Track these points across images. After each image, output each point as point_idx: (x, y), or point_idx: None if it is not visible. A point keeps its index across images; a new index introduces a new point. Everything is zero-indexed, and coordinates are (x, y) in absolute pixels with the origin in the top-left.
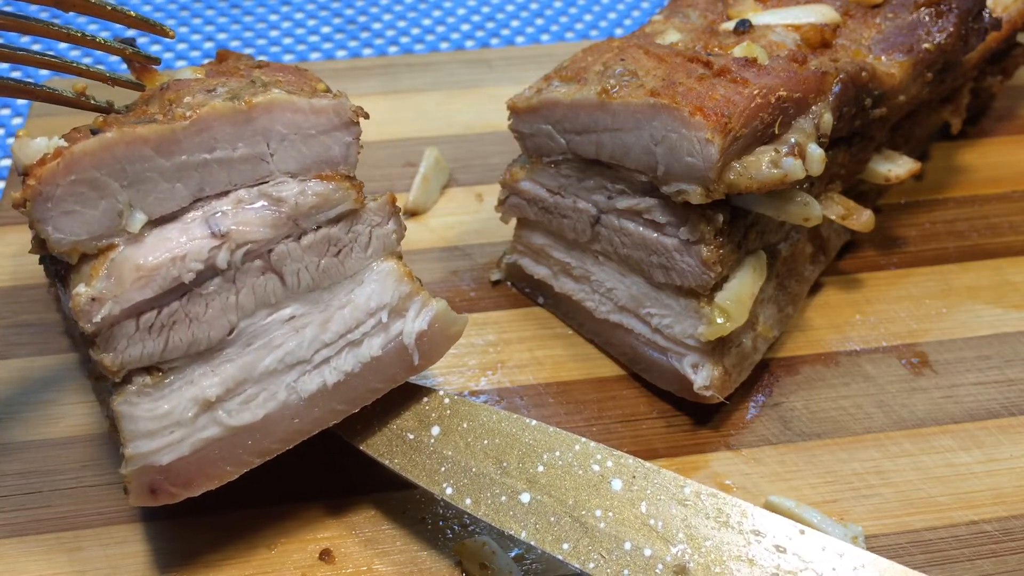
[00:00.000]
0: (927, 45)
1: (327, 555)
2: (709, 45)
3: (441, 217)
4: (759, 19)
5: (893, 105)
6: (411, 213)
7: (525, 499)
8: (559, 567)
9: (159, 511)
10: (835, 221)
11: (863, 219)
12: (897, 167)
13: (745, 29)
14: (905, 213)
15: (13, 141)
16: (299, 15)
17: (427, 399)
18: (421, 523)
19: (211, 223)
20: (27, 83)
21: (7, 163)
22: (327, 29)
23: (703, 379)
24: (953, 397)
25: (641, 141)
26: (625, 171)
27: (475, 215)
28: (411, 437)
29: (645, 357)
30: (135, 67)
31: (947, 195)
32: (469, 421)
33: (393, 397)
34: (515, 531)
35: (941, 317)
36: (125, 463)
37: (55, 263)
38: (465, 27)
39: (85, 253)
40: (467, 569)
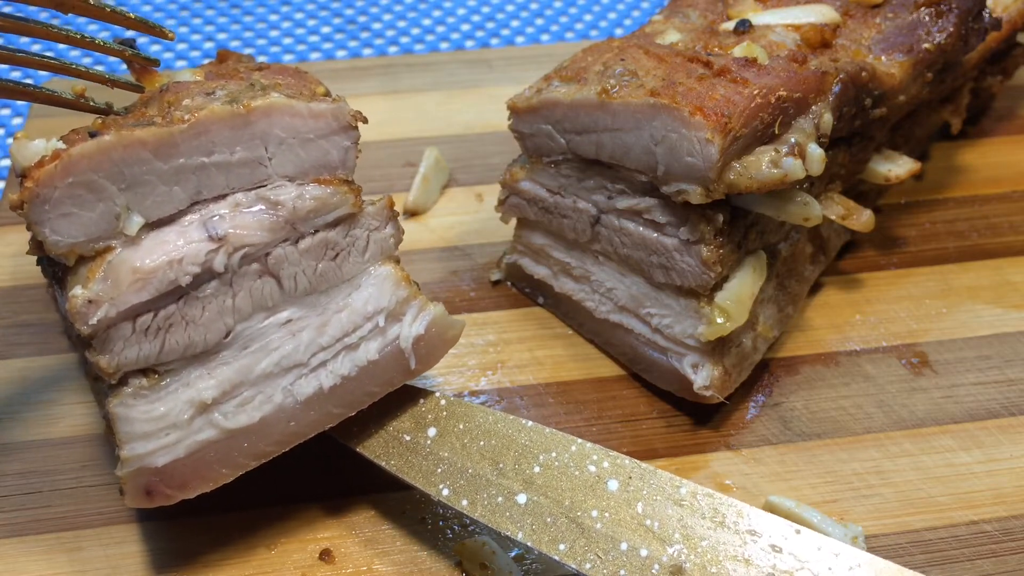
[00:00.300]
0: (927, 45)
1: (327, 555)
2: (709, 45)
3: (441, 217)
4: (759, 19)
5: (893, 105)
6: (411, 213)
7: (521, 500)
8: (559, 567)
9: (159, 511)
10: (835, 221)
11: (863, 219)
12: (897, 167)
13: (745, 29)
14: (905, 213)
15: (12, 142)
16: (299, 15)
17: (423, 401)
18: (421, 523)
19: (208, 226)
20: (26, 85)
21: (7, 163)
22: (327, 29)
23: (703, 379)
24: (953, 397)
25: (641, 141)
26: (625, 171)
27: (475, 215)
28: (407, 439)
29: (645, 357)
30: (135, 68)
31: (947, 195)
32: (465, 422)
33: (389, 399)
34: (511, 532)
35: (941, 317)
36: (121, 465)
37: (53, 264)
38: (465, 27)
39: (82, 255)
40: (467, 569)
